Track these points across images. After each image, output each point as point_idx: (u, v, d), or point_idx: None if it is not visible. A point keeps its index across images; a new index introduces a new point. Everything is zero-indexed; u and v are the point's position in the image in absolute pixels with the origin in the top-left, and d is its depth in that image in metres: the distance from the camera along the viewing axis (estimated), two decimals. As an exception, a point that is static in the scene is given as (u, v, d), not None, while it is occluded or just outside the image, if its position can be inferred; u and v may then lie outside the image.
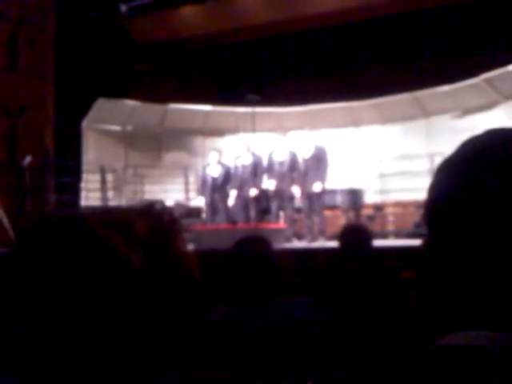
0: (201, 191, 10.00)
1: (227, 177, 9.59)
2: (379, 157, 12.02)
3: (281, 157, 9.18)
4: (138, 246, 0.77)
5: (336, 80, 13.20)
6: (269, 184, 9.20)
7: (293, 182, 8.95)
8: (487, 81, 11.12)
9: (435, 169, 0.75)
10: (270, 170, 9.24)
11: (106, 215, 0.84)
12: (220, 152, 10.04)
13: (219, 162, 9.81)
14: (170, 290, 0.80)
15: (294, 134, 9.73)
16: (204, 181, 9.87)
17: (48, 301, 0.74)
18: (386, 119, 12.75)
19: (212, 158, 9.90)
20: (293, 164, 8.99)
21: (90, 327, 0.74)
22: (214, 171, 9.73)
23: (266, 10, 12.16)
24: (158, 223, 0.85)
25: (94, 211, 0.86)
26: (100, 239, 0.76)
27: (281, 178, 9.04)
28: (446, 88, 11.66)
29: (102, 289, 0.74)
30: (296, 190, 8.92)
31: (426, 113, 12.37)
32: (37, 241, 0.77)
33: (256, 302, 2.18)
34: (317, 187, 8.67)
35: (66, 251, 0.75)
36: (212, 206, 9.70)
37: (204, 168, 10.11)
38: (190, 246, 7.51)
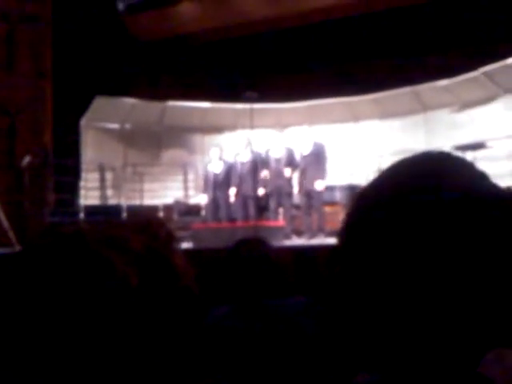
0: (204, 188, 9.98)
1: (229, 173, 9.59)
2: (378, 152, 12.01)
3: (277, 153, 9.18)
4: (134, 263, 0.77)
5: (334, 75, 13.18)
6: (263, 174, 9.18)
7: (290, 178, 8.97)
8: (486, 74, 11.10)
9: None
10: (266, 166, 9.24)
11: (103, 231, 0.83)
12: (221, 148, 10.05)
13: (221, 158, 9.81)
14: (168, 304, 0.79)
15: (291, 131, 9.73)
16: (206, 178, 9.87)
17: (46, 317, 0.73)
18: (385, 114, 12.74)
19: (213, 154, 9.90)
20: (290, 160, 8.99)
21: (88, 344, 0.74)
22: (216, 167, 9.73)
23: (263, 5, 12.13)
24: (154, 239, 0.84)
25: (92, 226, 0.85)
26: (99, 257, 0.76)
27: (278, 174, 9.03)
28: (445, 82, 11.65)
29: (101, 306, 0.74)
30: (294, 187, 8.94)
31: (425, 107, 12.36)
32: (37, 258, 0.77)
33: (254, 303, 2.17)
34: (319, 186, 8.66)
35: (65, 269, 0.75)
36: (214, 203, 9.70)
37: (206, 165, 10.12)
38: (190, 245, 7.47)
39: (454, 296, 0.64)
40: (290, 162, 8.99)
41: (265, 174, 9.13)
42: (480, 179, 0.70)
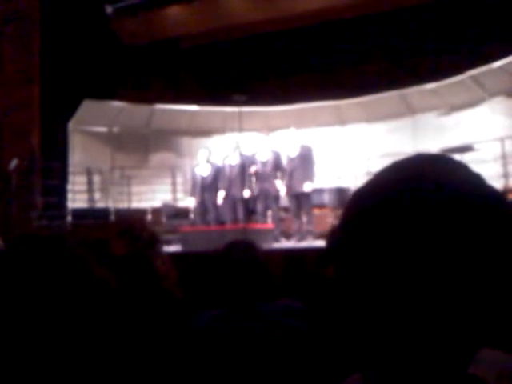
0: (191, 191, 9.96)
1: (216, 176, 9.58)
2: (366, 155, 12.05)
3: (264, 157, 9.19)
4: (114, 267, 0.78)
5: (322, 79, 13.22)
6: (251, 169, 9.19)
7: (276, 180, 8.99)
8: (473, 78, 11.17)
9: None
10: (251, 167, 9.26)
11: (86, 234, 0.84)
12: (209, 150, 10.03)
13: (208, 161, 9.79)
14: (147, 307, 0.80)
15: (278, 134, 9.74)
16: (194, 181, 9.85)
17: (25, 320, 0.73)
18: (372, 117, 12.78)
19: (201, 156, 9.88)
20: (276, 163, 9.02)
21: (69, 343, 0.74)
22: (204, 170, 9.71)
23: (251, 9, 12.15)
24: (135, 243, 0.85)
25: (73, 229, 0.86)
26: (77, 261, 0.76)
27: (265, 177, 9.04)
28: (431, 85, 11.71)
29: (80, 308, 0.74)
30: (281, 189, 8.94)
31: (412, 110, 12.40)
32: (17, 261, 0.77)
33: (244, 306, 2.18)
34: (307, 187, 8.67)
35: (44, 274, 0.75)
36: (202, 206, 9.68)
37: (193, 168, 10.10)
38: (178, 248, 7.46)
39: (446, 297, 0.65)
40: (277, 165, 9.01)
41: (254, 169, 9.13)
42: (475, 180, 0.71)
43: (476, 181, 0.71)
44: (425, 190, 0.67)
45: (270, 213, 9.30)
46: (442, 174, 0.70)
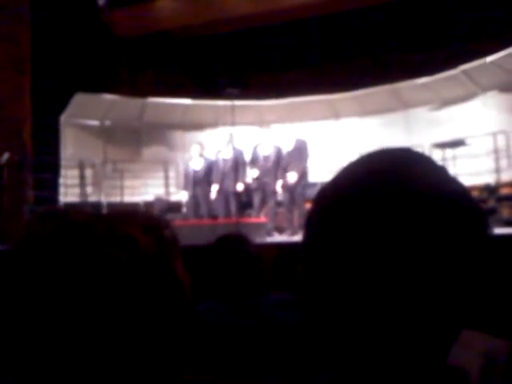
0: (184, 185, 9.96)
1: (209, 170, 9.56)
2: (359, 149, 12.04)
3: (266, 151, 9.15)
4: (141, 266, 0.77)
5: (315, 72, 13.21)
6: (252, 173, 9.16)
7: (276, 176, 8.93)
8: (465, 72, 11.19)
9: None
10: (253, 163, 9.22)
11: (113, 226, 0.82)
12: (202, 145, 10.01)
13: (201, 155, 9.78)
14: (162, 305, 0.79)
15: (276, 127, 9.72)
16: (187, 175, 9.84)
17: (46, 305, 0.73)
18: (366, 111, 12.78)
19: (194, 151, 9.87)
20: (278, 159, 8.97)
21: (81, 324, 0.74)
22: (196, 164, 9.70)
23: (244, 2, 12.13)
24: (161, 242, 0.84)
25: (99, 218, 0.84)
26: (108, 257, 0.75)
27: (264, 171, 9.01)
28: (424, 80, 11.73)
29: (102, 307, 0.74)
30: (278, 185, 8.89)
31: (404, 105, 12.42)
32: (41, 243, 0.76)
33: (236, 300, 2.17)
34: (291, 177, 8.64)
35: (71, 264, 0.74)
36: (194, 200, 9.68)
37: (187, 162, 10.09)
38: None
39: (415, 290, 0.64)
40: (278, 161, 8.96)
41: (255, 172, 9.10)
42: (441, 175, 0.71)
43: (441, 175, 0.71)
44: (389, 186, 0.67)
45: (265, 207, 9.28)
46: (408, 169, 0.69)
